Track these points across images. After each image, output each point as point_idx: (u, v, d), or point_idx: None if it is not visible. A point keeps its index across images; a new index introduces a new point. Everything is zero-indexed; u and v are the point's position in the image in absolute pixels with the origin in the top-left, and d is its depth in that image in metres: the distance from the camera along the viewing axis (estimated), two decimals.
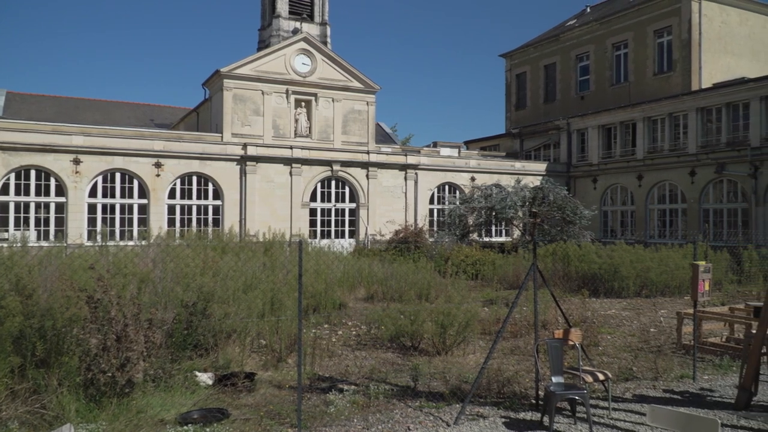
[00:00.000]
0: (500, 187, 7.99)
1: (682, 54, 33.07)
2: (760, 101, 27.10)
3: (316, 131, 30.61)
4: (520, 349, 10.33)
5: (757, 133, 27.05)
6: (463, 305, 10.51)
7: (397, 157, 31.34)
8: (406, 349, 10.22)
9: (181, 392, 7.17)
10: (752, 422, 6.96)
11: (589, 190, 34.70)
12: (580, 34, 39.39)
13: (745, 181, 27.38)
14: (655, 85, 34.39)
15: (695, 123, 29.73)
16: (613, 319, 13.72)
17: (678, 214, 30.60)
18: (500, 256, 21.11)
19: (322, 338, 10.66)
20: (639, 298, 17.05)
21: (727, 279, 18.43)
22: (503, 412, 7.21)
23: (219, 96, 29.27)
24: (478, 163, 33.83)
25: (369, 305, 14.38)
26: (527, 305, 12.39)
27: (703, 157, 29.13)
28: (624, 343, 11.16)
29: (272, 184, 27.91)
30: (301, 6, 32.06)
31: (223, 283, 9.54)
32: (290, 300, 10.18)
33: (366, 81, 31.78)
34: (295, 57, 30.21)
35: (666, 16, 34.07)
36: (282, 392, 7.74)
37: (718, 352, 10.24)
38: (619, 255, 18.51)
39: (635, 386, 8.42)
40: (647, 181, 31.85)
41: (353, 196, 30.08)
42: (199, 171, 26.61)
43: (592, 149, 35.15)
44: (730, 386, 8.43)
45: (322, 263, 15.17)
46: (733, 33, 34.16)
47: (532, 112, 42.80)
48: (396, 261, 19.33)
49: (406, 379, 8.40)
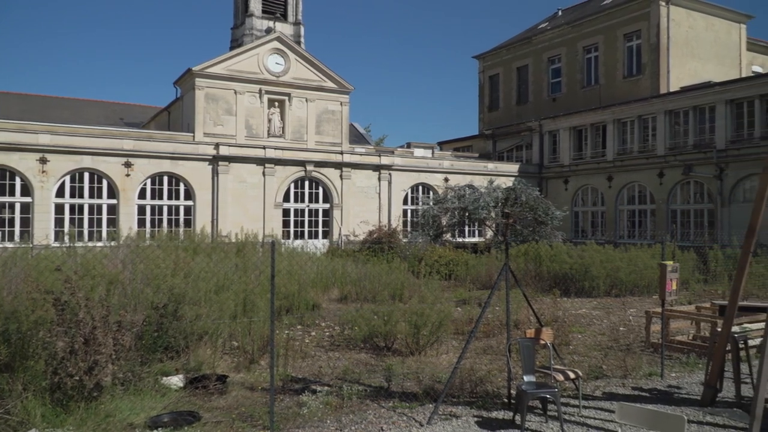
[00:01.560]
0: (473, 188, 8.03)
1: (651, 58, 33.69)
2: (725, 105, 27.74)
3: (289, 131, 30.45)
4: (492, 348, 10.41)
5: (723, 136, 27.68)
6: (436, 305, 10.55)
7: (371, 158, 31.35)
8: (379, 350, 10.22)
9: (151, 395, 7.06)
10: (717, 418, 7.12)
11: (561, 191, 35.13)
12: (552, 37, 39.88)
13: (711, 183, 27.99)
14: (625, 88, 34.97)
15: (663, 125, 30.31)
16: (583, 318, 13.90)
17: (647, 215, 31.15)
18: (473, 257, 21.25)
19: (295, 339, 10.60)
20: (609, 298, 17.30)
21: (693, 278, 18.81)
22: (476, 411, 7.26)
23: (191, 95, 28.93)
24: (451, 164, 34.02)
25: (343, 306, 14.35)
26: (500, 305, 12.49)
27: (671, 158, 29.71)
28: (594, 341, 11.32)
29: (245, 185, 27.69)
30: (275, 5, 31.87)
31: (195, 285, 9.42)
32: (263, 301, 10.11)
33: (340, 81, 31.73)
34: (268, 56, 30.01)
35: (635, 20, 34.68)
36: (254, 394, 7.68)
37: (685, 350, 10.45)
38: (589, 255, 18.78)
39: (605, 384, 8.55)
40: (617, 182, 32.37)
41: (327, 196, 30.00)
42: (171, 171, 26.27)
43: (564, 151, 35.60)
44: (696, 383, 8.60)
45: (295, 264, 15.10)
46: (700, 38, 34.91)
47: (504, 113, 43.18)
48: (370, 261, 19.32)
49: (379, 379, 8.40)
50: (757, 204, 7.35)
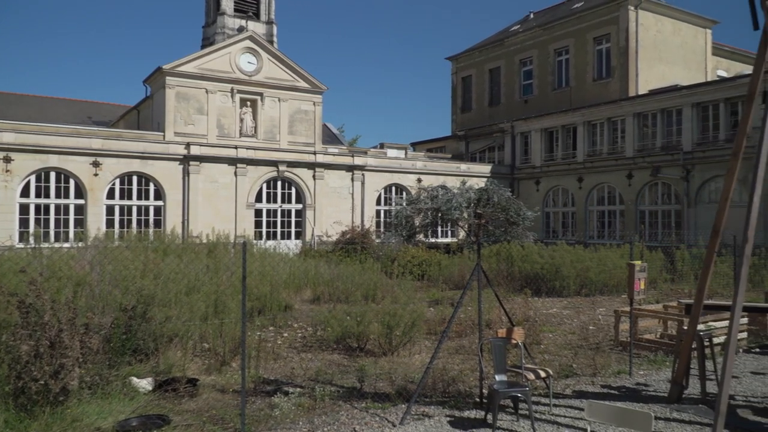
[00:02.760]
0: (446, 189, 8.06)
1: (620, 61, 34.26)
2: (692, 108, 28.34)
3: (261, 131, 30.22)
4: (465, 348, 10.47)
5: (689, 138, 28.28)
6: (409, 306, 10.58)
7: (344, 158, 31.30)
8: (352, 350, 10.21)
9: (120, 399, 6.94)
10: (683, 415, 7.27)
11: (532, 192, 35.51)
12: (524, 40, 40.29)
13: (679, 184, 28.57)
14: (595, 90, 35.50)
15: (632, 128, 30.85)
16: (554, 317, 14.07)
17: (616, 216, 31.66)
18: (446, 257, 21.35)
19: (267, 341, 10.53)
20: (579, 297, 17.54)
21: (661, 278, 19.16)
22: (448, 411, 7.29)
23: (161, 94, 28.53)
24: (424, 165, 34.14)
25: (315, 307, 14.30)
26: (472, 305, 12.56)
27: (639, 160, 30.25)
28: (565, 341, 11.46)
29: (216, 185, 27.41)
30: (247, 4, 31.60)
31: (165, 286, 9.30)
32: (234, 302, 10.01)
33: (313, 81, 31.60)
34: (240, 55, 29.74)
35: (605, 24, 35.24)
36: (225, 396, 7.60)
37: (653, 348, 10.64)
38: (560, 255, 19.01)
39: (575, 383, 8.66)
40: (587, 184, 32.84)
41: (300, 196, 29.86)
42: (140, 170, 25.87)
43: (535, 152, 35.99)
44: (663, 380, 8.77)
45: (267, 265, 14.99)
46: (667, 42, 35.61)
47: (477, 114, 43.50)
48: (343, 262, 19.27)
49: (352, 380, 8.38)
50: (721, 205, 7.52)
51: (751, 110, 7.43)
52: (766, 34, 7.18)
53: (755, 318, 11.83)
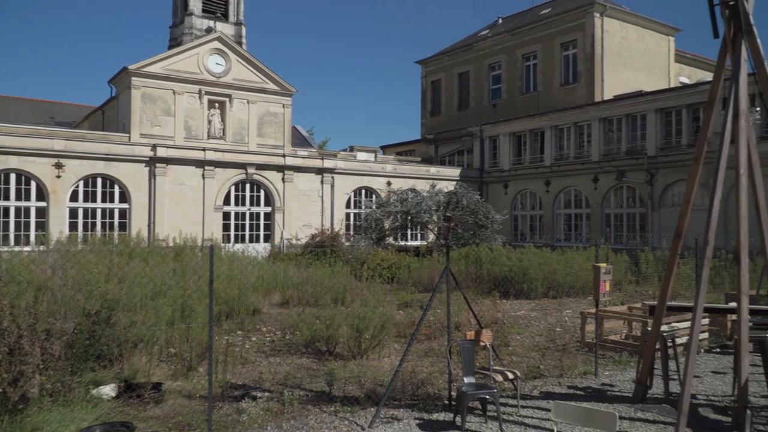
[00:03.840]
0: (416, 192, 8.09)
1: (587, 67, 34.87)
2: (655, 113, 28.98)
3: (230, 133, 29.91)
4: (434, 350, 10.50)
5: (653, 143, 28.90)
6: (378, 309, 10.57)
7: (314, 161, 31.19)
8: (321, 354, 10.16)
9: (82, 406, 6.79)
10: (647, 414, 7.41)
11: (501, 195, 35.87)
12: (493, 44, 40.72)
13: (643, 188, 29.17)
14: (562, 95, 36.06)
15: (598, 132, 31.40)
16: (522, 319, 14.21)
17: (582, 219, 32.17)
18: (415, 260, 21.40)
19: (235, 345, 10.40)
20: (546, 299, 17.75)
21: (626, 280, 19.52)
22: (417, 413, 7.30)
23: (126, 94, 28.04)
24: (394, 168, 34.22)
25: (284, 310, 14.19)
26: (441, 307, 12.61)
27: (605, 164, 30.80)
28: (532, 342, 11.58)
29: (183, 187, 27.04)
30: (215, 4, 31.28)
31: (130, 290, 9.12)
32: (201, 306, 9.87)
33: (282, 83, 31.42)
34: (208, 56, 29.42)
35: (571, 30, 35.83)
36: (192, 402, 7.49)
37: (618, 348, 10.83)
38: (528, 258, 19.22)
39: (542, 384, 8.75)
40: (554, 187, 33.31)
41: (269, 199, 29.65)
42: (105, 172, 25.39)
43: (504, 156, 36.37)
44: (628, 381, 8.92)
45: (235, 268, 14.83)
46: (632, 49, 36.38)
47: (446, 118, 43.78)
48: (312, 265, 19.18)
49: (321, 384, 8.34)
50: (683, 209, 7.70)
51: (712, 116, 7.62)
52: (725, 42, 7.38)
53: (716, 319, 12.13)
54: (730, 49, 7.33)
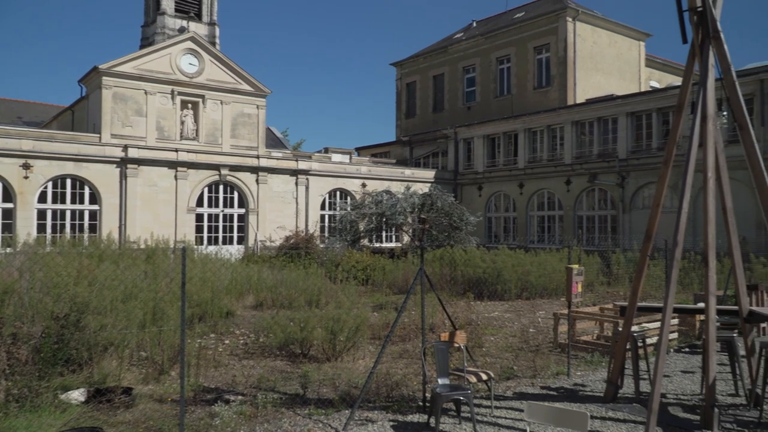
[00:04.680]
0: (390, 194, 8.10)
1: (559, 70, 35.30)
2: (626, 117, 29.46)
3: (203, 134, 29.61)
4: (408, 352, 10.51)
5: (624, 146, 29.37)
6: (353, 311, 10.54)
7: (288, 162, 31.04)
8: (295, 357, 10.10)
9: (50, 412, 6.64)
10: (618, 413, 7.51)
11: (475, 197, 36.10)
12: (467, 47, 40.99)
13: (614, 190, 29.62)
14: (535, 98, 36.44)
15: (570, 135, 31.81)
16: (496, 320, 14.31)
17: (555, 221, 32.54)
18: (390, 262, 21.41)
19: (208, 348, 10.29)
20: (520, 300, 17.90)
21: (598, 281, 19.78)
22: (391, 415, 7.29)
23: (97, 94, 27.57)
24: (369, 170, 34.22)
25: (258, 313, 14.07)
26: (416, 309, 12.63)
27: (577, 167, 31.20)
28: (506, 343, 11.66)
29: (156, 188, 26.68)
30: (188, 4, 30.93)
31: (100, 293, 8.95)
32: (174, 309, 9.73)
33: (256, 84, 31.21)
34: (181, 56, 29.08)
35: (545, 34, 36.25)
36: (164, 406, 7.38)
37: (590, 349, 10.96)
38: (502, 259, 19.37)
39: (516, 384, 8.82)
40: (528, 189, 33.64)
41: (242, 201, 29.41)
42: (74, 173, 24.92)
43: (478, 158, 36.62)
44: (600, 381, 9.04)
45: (208, 270, 14.66)
46: (604, 53, 36.94)
47: (421, 120, 43.93)
48: (286, 267, 19.06)
49: (295, 386, 8.29)
50: (653, 211, 7.83)
51: (681, 120, 7.77)
52: (694, 47, 7.54)
53: (685, 319, 12.36)
54: (698, 55, 7.49)
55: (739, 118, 7.13)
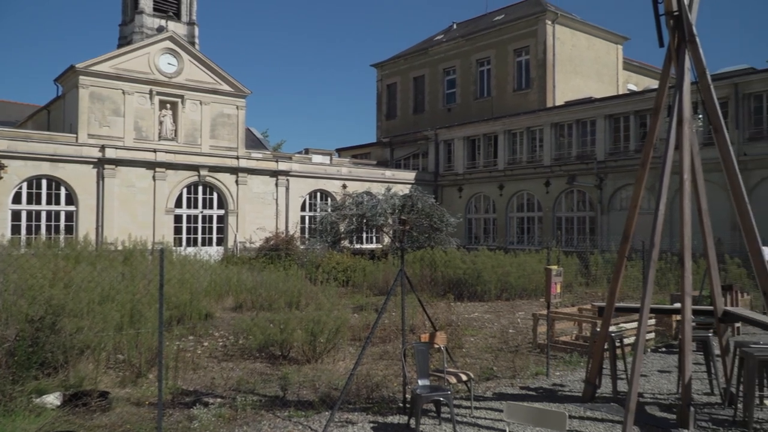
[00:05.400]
0: (371, 195, 8.12)
1: (539, 73, 35.59)
2: (604, 119, 29.79)
3: (182, 134, 29.34)
4: (389, 353, 10.51)
5: (602, 148, 29.70)
6: (333, 312, 10.52)
7: (268, 163, 30.88)
8: (275, 359, 10.04)
9: (24, 416, 6.52)
10: (596, 413, 7.58)
11: (455, 199, 36.24)
12: (448, 49, 41.15)
13: (593, 192, 29.93)
14: (515, 100, 36.70)
15: (550, 137, 32.09)
16: (476, 321, 14.36)
17: (534, 222, 32.79)
18: (370, 263, 21.39)
19: (187, 350, 10.18)
20: (500, 301, 17.98)
21: (576, 281, 19.96)
22: (372, 417, 7.29)
23: (74, 93, 27.19)
24: (349, 171, 34.18)
25: (237, 315, 13.97)
26: (396, 310, 12.63)
27: (556, 169, 31.48)
28: (486, 344, 11.71)
29: (133, 189, 26.37)
30: (167, 3, 30.64)
31: (76, 295, 8.83)
32: (151, 311, 9.62)
33: (236, 84, 31.02)
34: (160, 56, 28.79)
35: (524, 37, 36.53)
36: (141, 410, 7.29)
37: (569, 349, 11.06)
38: (481, 260, 19.44)
39: (495, 385, 8.86)
40: (507, 191, 33.85)
41: (222, 202, 29.19)
42: (50, 174, 24.54)
43: (458, 159, 36.77)
44: (578, 380, 9.11)
45: (187, 272, 14.52)
46: (582, 56, 37.33)
47: (402, 121, 44.00)
48: (266, 269, 18.95)
49: (275, 388, 8.24)
50: (631, 212, 7.92)
51: (657, 123, 7.87)
52: (670, 51, 7.64)
53: (662, 319, 12.52)
54: (674, 58, 7.59)
55: (714, 121, 7.25)
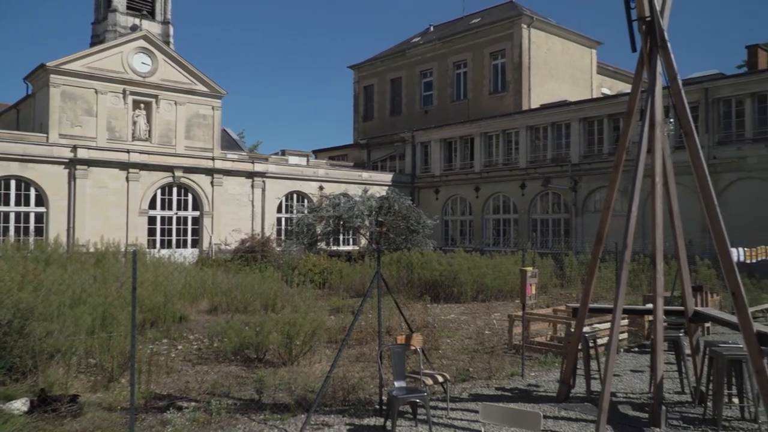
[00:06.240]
0: (348, 197, 8.07)
1: (514, 76, 35.90)
2: (579, 122, 30.15)
3: (156, 135, 28.98)
4: (365, 355, 10.49)
5: (577, 151, 30.06)
6: (309, 314, 10.47)
7: (244, 164, 30.66)
8: (250, 362, 9.96)
9: None
10: (570, 413, 7.66)
11: (432, 201, 36.36)
12: (425, 51, 41.30)
13: (567, 194, 30.26)
14: (491, 103, 36.96)
15: (525, 140, 32.37)
16: (452, 323, 14.42)
17: (510, 224, 33.04)
18: (347, 265, 21.36)
19: (160, 354, 10.04)
20: (476, 303, 18.08)
21: (551, 283, 20.15)
22: (348, 419, 7.26)
23: (44, 92, 26.70)
24: (326, 173, 34.09)
25: (212, 317, 13.84)
26: (373, 312, 12.62)
27: (531, 171, 31.77)
28: (462, 345, 11.76)
29: (106, 190, 25.97)
30: (141, 2, 30.26)
31: (46, 299, 8.65)
32: (124, 314, 9.47)
33: (212, 85, 30.74)
34: (133, 55, 28.41)
35: (500, 40, 36.82)
36: (113, 415, 7.17)
37: (544, 350, 11.15)
38: (458, 262, 19.53)
39: (471, 386, 8.90)
40: (483, 193, 34.07)
41: (197, 203, 28.89)
42: (19, 174, 24.05)
43: (435, 161, 36.91)
44: (553, 381, 9.19)
45: (161, 274, 14.34)
46: (557, 60, 37.74)
47: (379, 123, 44.03)
48: (242, 271, 18.81)
49: (250, 392, 8.17)
50: (604, 214, 8.02)
51: (630, 126, 7.99)
52: (642, 56, 7.76)
53: (634, 319, 12.70)
54: (646, 63, 7.71)
55: (685, 125, 7.38)
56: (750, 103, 24.60)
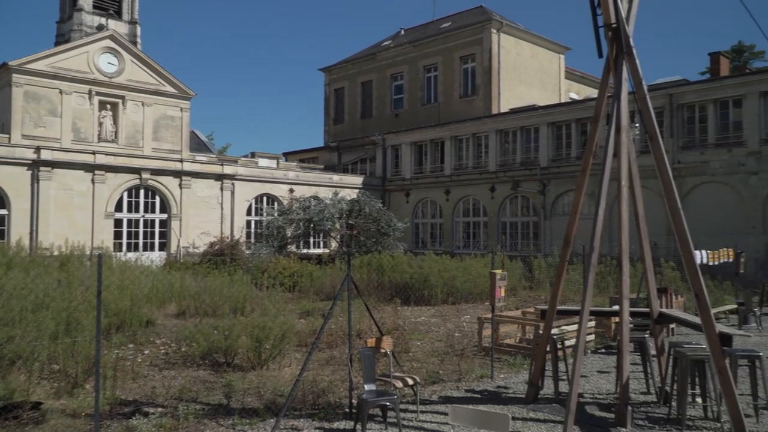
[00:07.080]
0: (318, 200, 8.05)
1: (484, 80, 36.23)
2: (548, 126, 30.56)
3: (123, 136, 28.51)
4: (335, 359, 10.45)
5: (545, 155, 30.45)
6: (279, 318, 10.39)
7: (213, 167, 30.32)
8: (219, 366, 9.84)
9: None
10: (539, 414, 7.74)
11: (402, 204, 36.45)
12: (395, 55, 41.42)
13: (536, 197, 30.63)
14: (461, 107, 37.23)
15: (495, 144, 32.68)
16: (422, 325, 14.45)
17: (480, 227, 33.30)
18: (318, 268, 21.27)
19: (126, 359, 9.86)
20: (446, 305, 18.15)
21: (520, 285, 20.35)
22: (318, 423, 7.22)
23: (7, 92, 26.05)
24: (296, 175, 33.93)
25: (180, 321, 13.63)
26: (343, 316, 12.59)
27: (501, 174, 32.08)
28: (432, 348, 11.79)
29: (71, 192, 25.42)
30: (108, 1, 29.76)
31: (7, 303, 8.44)
32: (89, 319, 9.27)
33: (180, 86, 30.37)
34: (99, 55, 27.91)
35: (470, 44, 37.13)
36: (77, 421, 7.01)
37: (513, 352, 11.25)
38: (428, 265, 19.60)
39: (441, 388, 8.93)
40: (454, 196, 34.28)
41: (164, 206, 28.47)
42: None
43: (406, 164, 37.02)
44: (521, 382, 9.28)
45: (127, 278, 14.09)
46: (526, 65, 38.21)
47: (349, 126, 43.99)
48: (210, 274, 18.59)
49: (218, 396, 8.07)
50: (572, 218, 8.14)
51: (597, 131, 8.12)
52: (608, 62, 7.91)
53: (601, 321, 12.89)
54: (612, 69, 7.86)
55: (650, 129, 7.53)
56: (713, 109, 25.24)
